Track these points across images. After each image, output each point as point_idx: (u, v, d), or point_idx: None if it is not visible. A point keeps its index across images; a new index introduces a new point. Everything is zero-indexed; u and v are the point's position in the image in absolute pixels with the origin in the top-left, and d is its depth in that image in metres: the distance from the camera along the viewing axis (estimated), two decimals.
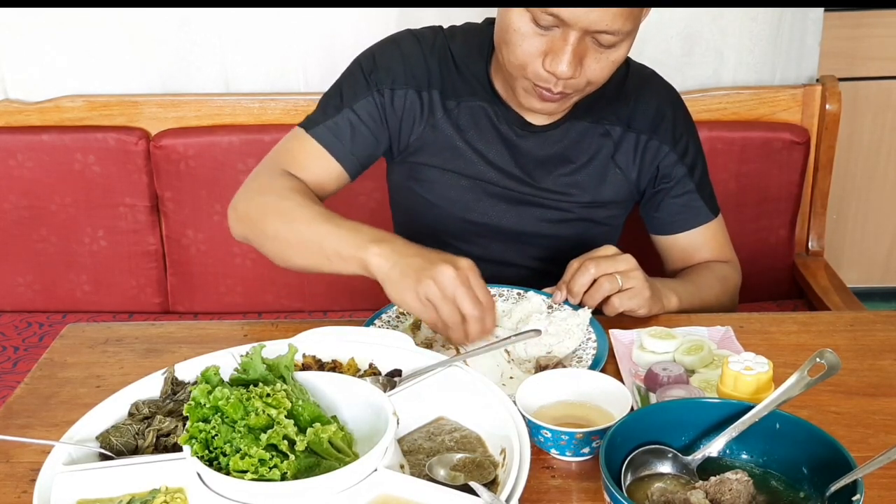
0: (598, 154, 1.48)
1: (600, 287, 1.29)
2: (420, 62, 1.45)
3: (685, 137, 1.51)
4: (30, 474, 1.01)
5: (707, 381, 1.15)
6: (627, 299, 1.29)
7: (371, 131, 1.45)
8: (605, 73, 1.31)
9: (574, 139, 1.47)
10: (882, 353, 1.24)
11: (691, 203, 1.52)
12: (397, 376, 1.07)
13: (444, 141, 1.47)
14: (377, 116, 1.45)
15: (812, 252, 2.24)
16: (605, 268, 1.29)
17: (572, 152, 1.48)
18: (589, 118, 1.47)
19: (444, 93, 1.45)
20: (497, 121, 1.46)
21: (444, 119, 1.46)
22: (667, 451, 0.92)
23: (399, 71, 1.44)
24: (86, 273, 2.24)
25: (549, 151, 1.48)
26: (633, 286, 1.29)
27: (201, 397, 0.87)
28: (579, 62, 1.26)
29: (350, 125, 1.43)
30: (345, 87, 1.46)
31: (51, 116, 2.19)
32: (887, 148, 2.82)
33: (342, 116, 1.43)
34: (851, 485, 0.82)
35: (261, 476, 0.82)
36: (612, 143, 1.48)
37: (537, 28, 1.25)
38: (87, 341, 1.34)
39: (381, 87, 1.44)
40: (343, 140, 1.43)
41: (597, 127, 1.47)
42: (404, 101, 1.45)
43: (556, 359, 1.21)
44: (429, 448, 0.98)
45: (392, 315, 1.37)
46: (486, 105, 1.46)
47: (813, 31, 2.16)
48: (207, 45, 2.18)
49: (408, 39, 1.48)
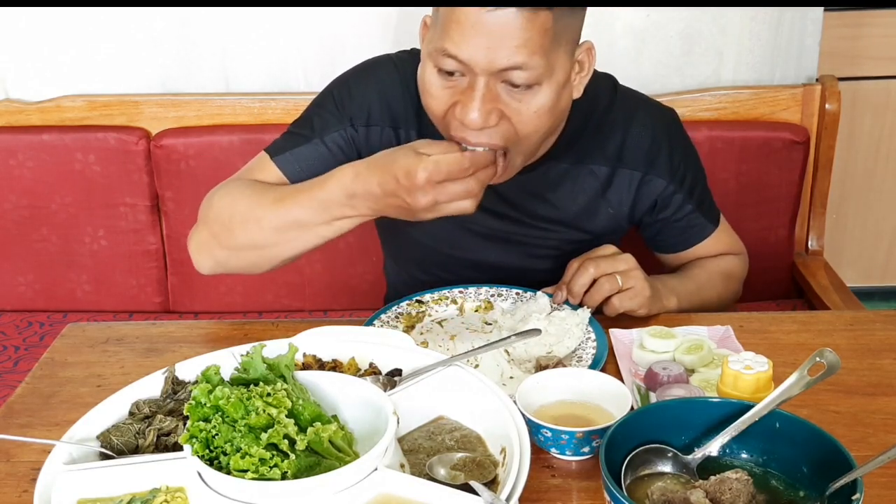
0: (583, 194, 1.42)
1: (600, 287, 1.28)
2: (397, 96, 1.38)
3: (683, 165, 1.44)
4: (31, 473, 1.01)
5: (707, 381, 1.15)
6: (628, 300, 1.29)
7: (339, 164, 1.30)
8: (533, 122, 1.20)
9: (554, 181, 1.41)
10: (882, 353, 1.24)
11: (693, 222, 1.49)
12: (397, 376, 1.07)
13: None
14: (348, 151, 1.38)
15: (812, 251, 2.24)
16: (605, 268, 1.28)
17: (554, 194, 1.42)
18: (569, 160, 1.39)
19: (421, 132, 1.36)
20: None
21: None
22: (667, 450, 0.93)
23: (375, 106, 1.38)
24: (86, 273, 2.24)
25: (531, 192, 1.42)
26: (633, 286, 1.28)
27: (202, 397, 0.87)
28: (493, 109, 1.17)
29: (318, 156, 1.36)
30: (315, 116, 1.40)
31: (51, 116, 2.19)
32: (887, 148, 2.82)
33: (310, 147, 1.37)
34: (851, 484, 0.82)
35: (261, 475, 0.82)
36: (600, 183, 1.41)
37: (445, 77, 1.18)
38: (88, 341, 1.34)
39: (354, 122, 1.37)
40: (309, 171, 1.34)
41: (579, 168, 1.40)
42: (380, 138, 1.38)
43: (556, 358, 1.21)
44: (429, 447, 0.98)
45: (392, 315, 1.37)
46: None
47: (812, 30, 2.16)
48: (208, 45, 2.18)
49: (386, 68, 1.40)
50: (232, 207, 1.30)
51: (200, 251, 1.35)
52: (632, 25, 2.14)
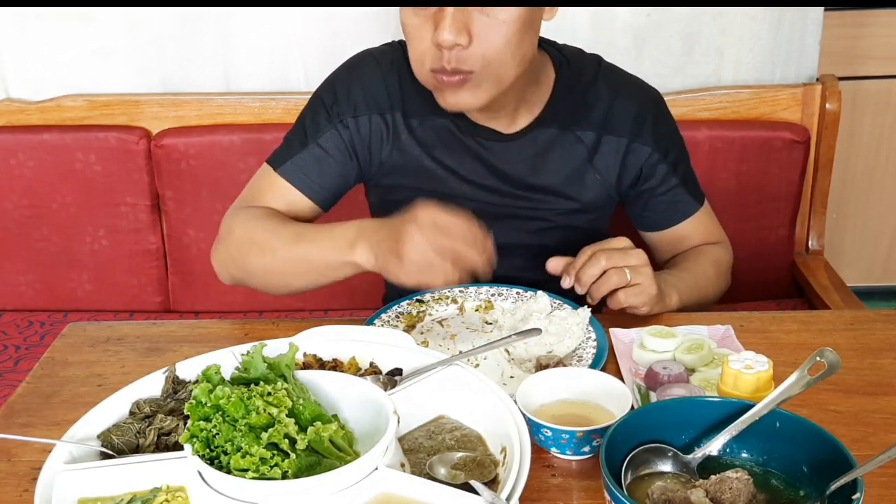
0: (572, 160, 1.46)
1: (608, 280, 1.27)
2: (380, 85, 1.43)
3: (667, 137, 1.50)
4: (31, 473, 1.01)
5: (707, 380, 1.15)
6: (633, 296, 1.28)
7: (339, 163, 1.44)
8: (499, 40, 1.25)
9: (544, 146, 1.45)
10: (882, 352, 1.25)
11: (677, 197, 1.52)
12: (398, 375, 1.07)
13: (412, 161, 1.45)
14: (343, 148, 1.43)
15: (812, 251, 2.24)
16: (616, 261, 1.27)
17: (544, 160, 1.45)
18: (556, 125, 1.44)
19: (406, 113, 1.43)
20: (462, 134, 1.44)
21: (409, 139, 1.44)
22: (667, 449, 0.93)
23: (360, 97, 1.43)
24: (87, 272, 2.24)
25: (520, 159, 1.45)
26: (641, 283, 1.28)
27: (202, 396, 0.87)
28: (464, 28, 1.23)
29: (316, 159, 1.42)
30: (308, 121, 1.45)
31: (52, 116, 2.20)
32: (887, 147, 2.82)
33: (308, 152, 1.42)
34: (851, 483, 0.82)
35: (262, 475, 0.82)
36: (587, 149, 1.46)
37: (420, 14, 1.26)
38: (89, 340, 1.34)
39: (343, 117, 1.43)
40: (310, 175, 1.42)
41: (566, 134, 1.45)
42: (369, 126, 1.43)
43: (557, 358, 1.21)
44: (429, 447, 0.98)
45: (392, 315, 1.37)
46: (448, 120, 1.43)
47: (813, 30, 2.16)
48: (208, 45, 2.18)
49: (366, 62, 1.46)
50: (251, 236, 1.36)
51: (220, 268, 1.43)
52: (632, 25, 2.14)
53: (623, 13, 2.13)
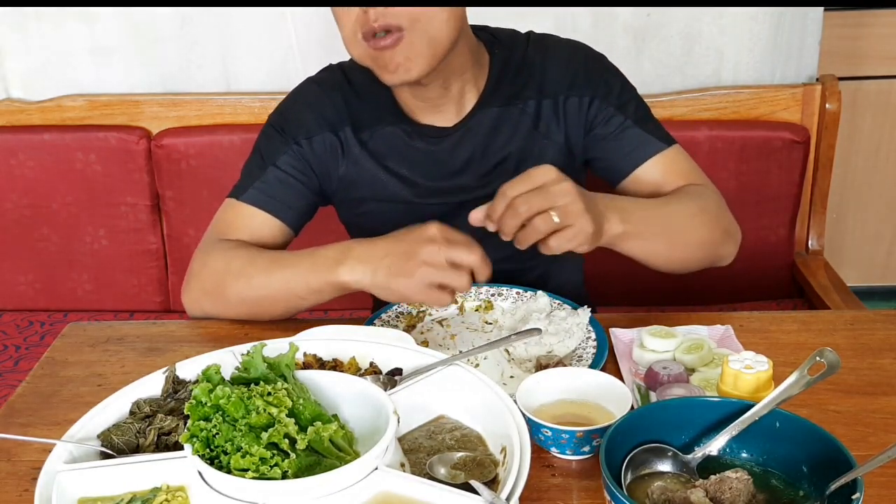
0: (518, 133, 1.44)
1: (535, 229, 1.12)
2: (326, 105, 1.45)
3: (603, 81, 1.44)
4: (31, 473, 1.01)
5: (707, 380, 1.15)
6: (566, 240, 1.12)
7: (300, 182, 1.44)
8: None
9: (490, 126, 1.44)
10: (882, 352, 1.25)
11: (634, 138, 1.42)
12: (398, 375, 1.07)
13: (367, 173, 1.46)
14: (301, 167, 1.44)
15: (812, 251, 2.24)
16: (538, 204, 1.11)
17: (493, 141, 1.44)
18: (497, 103, 1.43)
19: (355, 126, 1.44)
20: (410, 139, 1.44)
21: (361, 153, 1.45)
22: (667, 449, 0.93)
23: (309, 119, 1.45)
24: (87, 272, 2.24)
25: (471, 147, 1.44)
26: (573, 223, 1.12)
27: (202, 396, 0.87)
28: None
29: (278, 181, 1.43)
30: (263, 148, 1.46)
31: (52, 116, 2.20)
32: (887, 147, 2.82)
33: (268, 175, 1.43)
34: (851, 483, 0.82)
35: (262, 474, 0.82)
36: (530, 118, 1.44)
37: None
38: (89, 340, 1.34)
39: (297, 139, 1.44)
40: (275, 197, 1.42)
41: (509, 109, 1.43)
42: (323, 144, 1.44)
43: (557, 358, 1.21)
44: (429, 446, 0.98)
45: (392, 315, 1.37)
46: (396, 127, 1.44)
47: (813, 30, 2.16)
48: (208, 45, 2.18)
49: (308, 88, 1.49)
50: (227, 267, 1.34)
51: (193, 305, 1.40)
52: (632, 25, 2.14)
53: (623, 13, 2.13)
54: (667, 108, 2.15)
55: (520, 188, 1.12)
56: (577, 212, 1.11)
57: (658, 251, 1.30)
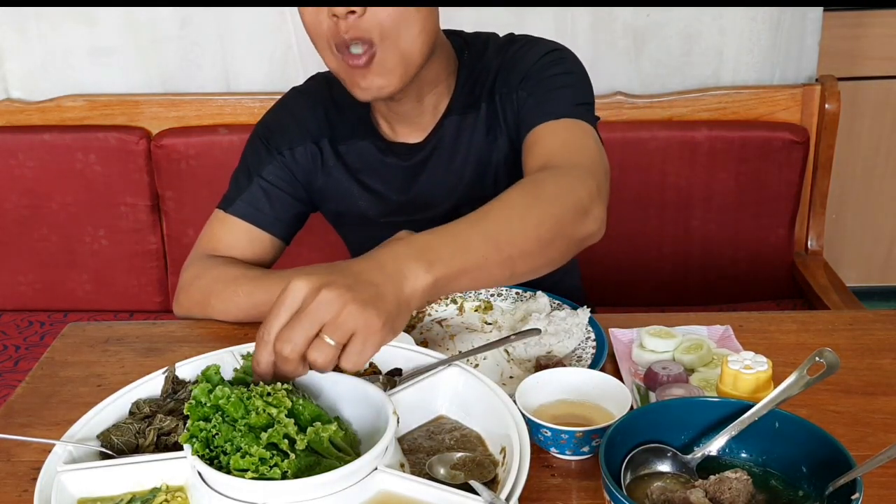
0: (475, 141, 1.43)
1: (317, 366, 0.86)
2: (309, 115, 1.47)
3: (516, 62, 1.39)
4: (31, 473, 1.01)
5: (706, 380, 1.15)
6: (357, 355, 0.86)
7: (286, 192, 1.45)
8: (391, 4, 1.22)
9: (452, 137, 1.43)
10: (881, 352, 1.24)
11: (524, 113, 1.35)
12: (397, 375, 1.07)
13: (341, 186, 1.47)
14: (286, 177, 1.45)
15: (811, 251, 2.24)
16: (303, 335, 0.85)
17: (456, 152, 1.43)
18: (457, 112, 1.43)
19: (332, 139, 1.46)
20: (383, 155, 1.45)
21: (336, 165, 1.46)
22: (666, 449, 0.93)
23: (293, 129, 1.46)
24: (87, 272, 2.24)
25: (438, 160, 1.44)
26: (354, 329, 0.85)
27: (202, 396, 0.87)
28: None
29: (264, 192, 1.44)
30: (249, 160, 1.47)
31: (52, 116, 2.20)
32: (887, 147, 2.82)
33: (254, 186, 1.44)
34: (851, 483, 0.82)
35: (261, 475, 0.82)
36: (484, 125, 1.42)
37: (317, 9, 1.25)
38: (88, 340, 1.34)
39: (280, 149, 1.45)
40: (262, 209, 1.44)
41: (466, 117, 1.43)
42: (305, 154, 1.46)
43: (556, 358, 1.21)
44: (429, 447, 0.98)
45: None
46: (370, 142, 1.45)
47: (812, 30, 2.16)
48: (208, 45, 2.18)
49: (293, 98, 1.51)
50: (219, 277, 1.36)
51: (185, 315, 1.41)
52: (632, 25, 2.14)
53: (623, 13, 2.13)
54: (667, 109, 2.15)
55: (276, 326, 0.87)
56: (351, 315, 0.84)
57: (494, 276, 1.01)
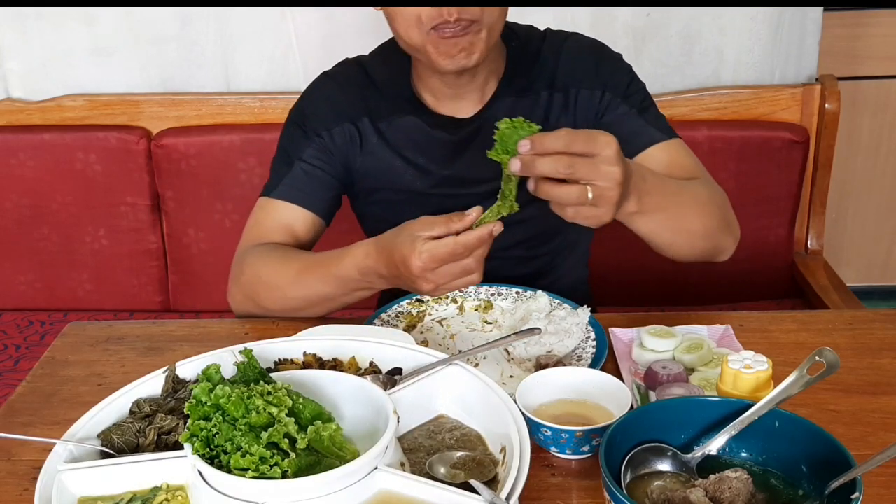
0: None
1: (567, 195, 1.08)
2: (342, 97, 1.48)
3: (611, 76, 1.47)
4: (31, 472, 1.01)
5: (706, 380, 1.15)
6: (583, 218, 1.10)
7: (326, 172, 1.47)
8: None
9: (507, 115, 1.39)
10: (881, 352, 1.25)
11: (636, 126, 1.44)
12: (398, 375, 1.07)
13: (383, 163, 1.48)
14: (325, 158, 1.47)
15: (811, 251, 2.24)
16: (582, 173, 1.06)
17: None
18: (511, 94, 1.46)
19: (372, 117, 1.47)
20: (430, 129, 1.46)
21: (379, 142, 1.47)
22: (666, 449, 0.93)
23: (327, 111, 1.47)
24: (87, 272, 2.24)
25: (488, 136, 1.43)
26: (598, 209, 1.09)
27: (202, 395, 0.87)
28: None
29: (305, 174, 1.46)
30: (287, 146, 1.49)
31: (52, 115, 2.20)
32: (886, 147, 2.82)
33: (295, 170, 1.46)
34: (850, 483, 0.82)
35: (262, 474, 0.82)
36: (542, 109, 1.46)
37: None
38: (89, 340, 1.34)
39: (319, 131, 1.47)
40: (305, 189, 1.45)
41: (522, 99, 1.46)
42: (343, 134, 1.47)
43: (556, 357, 1.21)
44: (429, 446, 0.99)
45: (392, 314, 1.38)
46: (415, 117, 1.46)
47: (812, 30, 2.16)
48: (208, 44, 2.18)
49: (323, 82, 1.52)
50: (259, 278, 1.38)
51: (239, 307, 1.43)
52: (632, 25, 2.14)
53: (623, 13, 2.13)
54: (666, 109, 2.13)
55: (577, 146, 1.07)
56: (609, 200, 1.08)
57: (663, 233, 1.28)
